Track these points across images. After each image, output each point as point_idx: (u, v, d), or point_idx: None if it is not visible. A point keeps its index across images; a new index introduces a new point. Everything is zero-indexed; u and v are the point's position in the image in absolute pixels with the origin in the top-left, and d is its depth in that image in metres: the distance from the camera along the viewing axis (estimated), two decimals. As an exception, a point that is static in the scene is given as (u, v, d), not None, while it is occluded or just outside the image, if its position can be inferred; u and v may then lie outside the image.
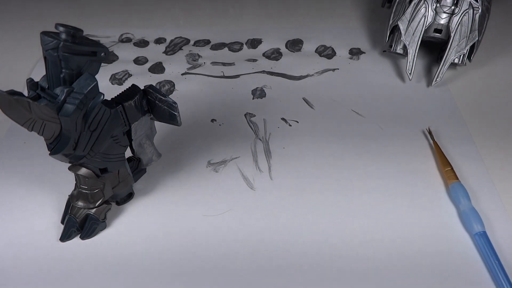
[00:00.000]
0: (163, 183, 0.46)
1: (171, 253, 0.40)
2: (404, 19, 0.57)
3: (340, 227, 0.42)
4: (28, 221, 0.43)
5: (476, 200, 0.44)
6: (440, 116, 0.54)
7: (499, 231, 0.42)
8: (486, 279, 0.38)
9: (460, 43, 0.56)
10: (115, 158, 0.39)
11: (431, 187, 0.46)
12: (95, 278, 0.39)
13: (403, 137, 0.51)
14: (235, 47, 0.66)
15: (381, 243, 0.41)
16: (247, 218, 0.43)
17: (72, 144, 0.34)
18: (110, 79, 0.59)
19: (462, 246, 0.41)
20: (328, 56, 0.64)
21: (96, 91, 0.34)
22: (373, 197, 0.45)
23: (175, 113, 0.40)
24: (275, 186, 0.46)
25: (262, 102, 0.56)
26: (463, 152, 0.49)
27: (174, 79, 0.60)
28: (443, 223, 0.42)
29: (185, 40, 0.67)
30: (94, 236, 0.41)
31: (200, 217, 0.43)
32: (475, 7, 0.55)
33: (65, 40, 0.31)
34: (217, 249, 0.41)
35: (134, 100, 0.38)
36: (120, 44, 0.66)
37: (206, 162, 0.49)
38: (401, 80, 0.59)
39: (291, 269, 0.39)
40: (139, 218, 0.43)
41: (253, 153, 0.50)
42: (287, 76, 0.60)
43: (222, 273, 0.39)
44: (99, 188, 0.40)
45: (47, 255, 0.40)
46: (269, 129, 0.52)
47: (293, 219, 0.43)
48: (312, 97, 0.57)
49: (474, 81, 0.59)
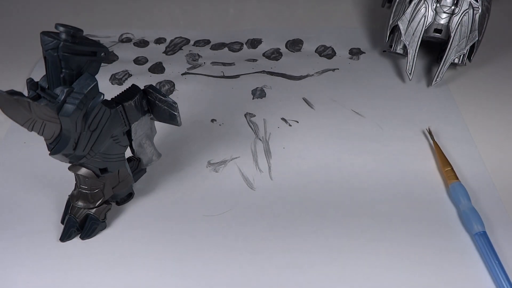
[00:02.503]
0: (163, 183, 0.46)
1: (171, 253, 0.40)
2: (404, 19, 0.57)
3: (340, 226, 0.42)
4: (28, 221, 0.43)
5: (476, 200, 0.44)
6: (440, 116, 0.54)
7: (499, 231, 0.42)
8: (486, 279, 0.38)
9: (460, 43, 0.56)
10: (115, 158, 0.39)
11: (431, 187, 0.46)
12: (95, 278, 0.39)
13: (403, 137, 0.51)
14: (235, 47, 0.66)
15: (381, 243, 0.41)
16: (247, 218, 0.43)
17: (72, 144, 0.34)
18: (110, 79, 0.59)
19: (462, 246, 0.41)
20: (328, 56, 0.64)
21: (96, 91, 0.34)
22: (373, 197, 0.45)
23: (175, 113, 0.40)
24: (275, 186, 0.46)
25: (262, 102, 0.56)
26: (463, 152, 0.49)
27: (174, 79, 0.59)
28: (443, 223, 0.43)
29: (185, 40, 0.67)
30: (94, 236, 0.41)
31: (200, 217, 0.43)
32: (475, 7, 0.55)
33: (65, 40, 0.31)
34: (217, 249, 0.41)
35: (134, 100, 0.38)
36: (120, 44, 0.66)
37: (206, 162, 0.49)
38: (401, 80, 0.59)
39: (291, 269, 0.39)
40: (139, 218, 0.43)
41: (253, 153, 0.50)
42: (287, 76, 0.60)
43: (222, 273, 0.39)
44: (99, 188, 0.40)
45: (47, 255, 0.40)
46: (269, 129, 0.52)
47: (293, 219, 0.43)
48: (312, 97, 0.57)
49: (474, 81, 0.59)
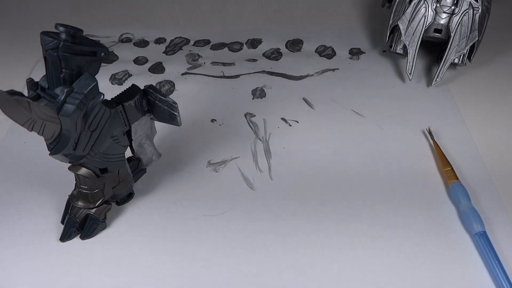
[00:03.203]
0: (163, 183, 0.46)
1: (171, 253, 0.40)
2: (404, 19, 0.57)
3: (340, 226, 0.42)
4: (28, 221, 0.43)
5: (476, 200, 0.44)
6: (440, 116, 0.54)
7: (499, 231, 0.42)
8: (486, 279, 0.38)
9: (460, 43, 0.56)
10: (115, 158, 0.39)
11: (431, 187, 0.46)
12: (95, 278, 0.39)
13: (403, 137, 0.51)
14: (235, 47, 0.66)
15: (381, 243, 0.41)
16: (247, 218, 0.43)
17: (72, 144, 0.34)
18: (110, 79, 0.59)
19: (462, 246, 0.41)
20: (328, 56, 0.64)
21: (96, 91, 0.34)
22: (373, 197, 0.45)
23: (175, 113, 0.40)
24: (275, 186, 0.46)
25: (262, 102, 0.56)
26: (463, 152, 0.49)
27: (174, 79, 0.59)
28: (443, 223, 0.43)
29: (185, 40, 0.67)
30: (94, 236, 0.41)
31: (200, 217, 0.43)
32: (475, 7, 0.55)
33: (65, 40, 0.31)
34: (217, 249, 0.41)
35: (134, 100, 0.38)
36: (120, 44, 0.66)
37: (206, 162, 0.49)
38: (401, 80, 0.59)
39: (291, 269, 0.39)
40: (139, 218, 0.43)
41: (253, 153, 0.50)
42: (287, 76, 0.60)
43: (222, 273, 0.39)
44: (99, 188, 0.40)
45: (47, 255, 0.40)
46: (269, 129, 0.52)
47: (293, 219, 0.43)
48: (312, 97, 0.57)
49: (474, 81, 0.59)
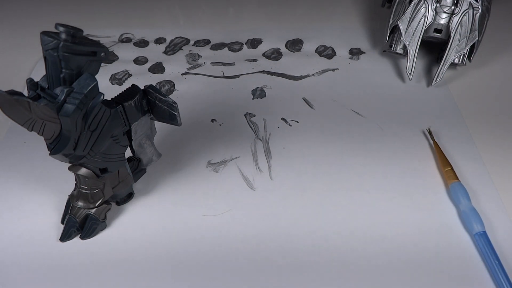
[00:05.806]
0: (163, 183, 0.46)
1: (171, 253, 0.40)
2: (404, 19, 0.57)
3: (340, 227, 0.42)
4: (28, 221, 0.43)
5: (476, 200, 0.44)
6: (440, 116, 0.54)
7: (499, 231, 0.42)
8: (486, 279, 0.38)
9: (460, 43, 0.56)
10: (115, 158, 0.39)
11: (431, 187, 0.46)
12: (95, 278, 0.39)
13: (403, 137, 0.51)
14: (235, 47, 0.66)
15: (381, 243, 0.41)
16: (247, 218, 0.43)
17: (72, 144, 0.34)
18: (110, 79, 0.59)
19: (462, 246, 0.41)
20: (328, 56, 0.64)
21: (96, 91, 0.34)
22: (373, 197, 0.45)
23: (175, 113, 0.40)
24: (275, 186, 0.46)
25: (262, 102, 0.56)
26: (463, 152, 0.49)
27: (174, 79, 0.59)
28: (443, 223, 0.43)
29: (185, 40, 0.67)
30: (94, 236, 0.41)
31: (200, 217, 0.43)
32: (475, 7, 0.55)
33: (65, 40, 0.31)
34: (217, 249, 0.41)
35: (134, 100, 0.38)
36: (120, 44, 0.66)
37: (206, 162, 0.49)
38: (401, 80, 0.59)
39: (291, 269, 0.39)
40: (139, 218, 0.43)
41: (253, 153, 0.50)
42: (287, 76, 0.60)
43: (222, 273, 0.39)
44: (99, 188, 0.40)
45: (47, 255, 0.40)
46: (269, 129, 0.52)
47: (294, 219, 0.43)
48: (312, 97, 0.57)
49: (474, 81, 0.59)
